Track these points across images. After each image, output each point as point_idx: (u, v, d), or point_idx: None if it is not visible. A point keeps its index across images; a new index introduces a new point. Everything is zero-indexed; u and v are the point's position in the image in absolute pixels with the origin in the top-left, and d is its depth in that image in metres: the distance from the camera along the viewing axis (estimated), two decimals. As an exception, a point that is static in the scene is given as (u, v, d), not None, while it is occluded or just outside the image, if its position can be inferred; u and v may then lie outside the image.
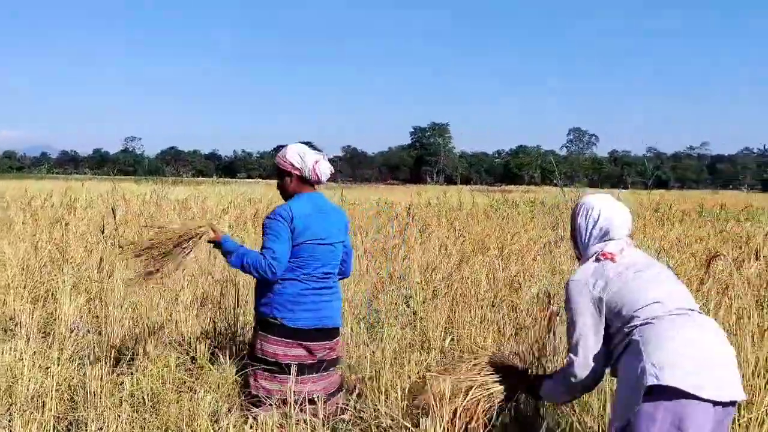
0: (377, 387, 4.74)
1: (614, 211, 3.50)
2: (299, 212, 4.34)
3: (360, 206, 16.78)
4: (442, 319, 6.29)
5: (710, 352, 2.93)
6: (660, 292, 3.14)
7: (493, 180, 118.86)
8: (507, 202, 20.16)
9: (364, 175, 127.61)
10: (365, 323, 6.42)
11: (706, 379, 2.83)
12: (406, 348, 5.72)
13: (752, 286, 6.28)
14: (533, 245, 9.06)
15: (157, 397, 4.38)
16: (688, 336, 2.96)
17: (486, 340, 5.87)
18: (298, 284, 4.36)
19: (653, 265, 3.36)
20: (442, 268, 7.51)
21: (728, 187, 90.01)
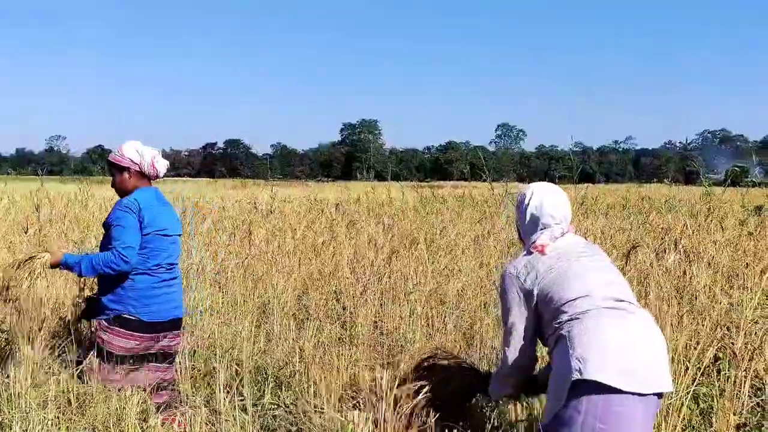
0: (306, 381, 4.76)
1: (544, 199, 3.48)
2: (145, 203, 4.42)
3: (290, 203, 16.72)
4: (371, 314, 6.34)
5: (635, 345, 2.98)
6: (588, 284, 3.17)
7: (423, 176, 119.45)
8: (436, 198, 20.30)
9: (294, 172, 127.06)
10: (295, 319, 6.44)
11: (629, 372, 2.90)
12: (334, 342, 5.75)
13: (671, 276, 6.47)
14: (461, 239, 9.16)
15: (84, 398, 4.31)
16: (613, 330, 3.01)
17: (415, 333, 5.94)
18: (149, 278, 4.44)
19: (587, 254, 3.35)
20: (371, 262, 7.55)
21: (652, 180, 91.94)
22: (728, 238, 8.33)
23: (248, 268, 7.62)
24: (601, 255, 3.44)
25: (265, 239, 9.27)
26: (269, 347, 5.78)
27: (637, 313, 3.14)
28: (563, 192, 3.56)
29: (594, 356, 2.95)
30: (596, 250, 3.47)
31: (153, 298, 4.45)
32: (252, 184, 46.00)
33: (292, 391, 4.88)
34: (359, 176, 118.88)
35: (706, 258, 7.25)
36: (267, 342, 5.92)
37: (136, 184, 4.53)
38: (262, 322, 6.40)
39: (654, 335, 3.08)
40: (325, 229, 10.23)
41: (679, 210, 12.59)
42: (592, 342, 2.99)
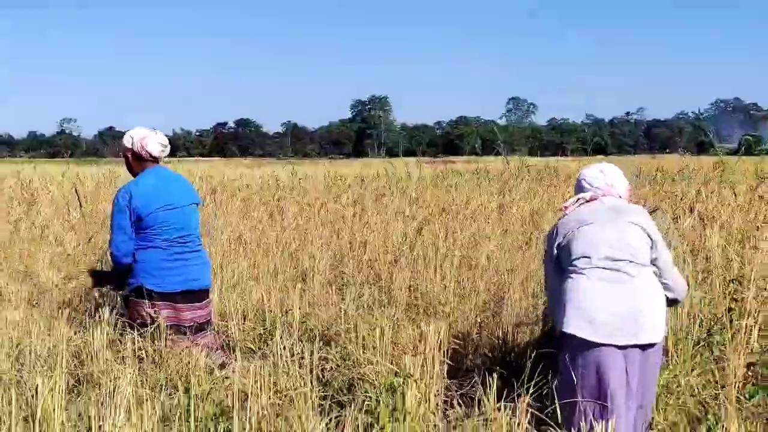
0: (355, 337, 5.19)
1: (588, 169, 3.98)
2: (138, 189, 4.82)
3: (309, 180, 17.10)
4: (407, 278, 6.77)
5: (611, 301, 3.52)
6: (591, 246, 3.65)
7: (435, 151, 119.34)
8: (452, 172, 20.67)
9: (305, 150, 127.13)
10: (334, 285, 6.88)
11: (601, 325, 3.46)
12: (375, 305, 6.19)
13: (686, 238, 6.88)
14: (483, 210, 9.58)
15: (156, 353, 4.76)
16: (593, 288, 3.57)
17: (447, 295, 6.37)
18: (160, 251, 4.86)
19: (604, 218, 3.72)
20: (404, 232, 7.98)
21: (665, 151, 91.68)
22: (740, 203, 8.72)
23: (284, 241, 8.05)
24: (619, 219, 3.72)
25: (297, 213, 9.70)
26: (313, 311, 6.21)
27: (632, 272, 3.60)
28: (611, 166, 4.01)
29: (570, 311, 3.56)
30: (622, 212, 3.77)
31: (165, 270, 4.86)
32: (265, 162, 46.32)
33: (340, 348, 5.30)
34: (371, 153, 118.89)
35: (720, 221, 7.65)
36: (309, 307, 6.35)
37: (138, 167, 4.96)
38: (303, 289, 6.81)
39: (638, 293, 3.57)
40: (354, 202, 10.65)
41: (693, 179, 12.94)
42: (577, 299, 3.58)
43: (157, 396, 3.97)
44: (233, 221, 8.87)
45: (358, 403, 3.89)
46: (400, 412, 3.80)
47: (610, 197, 3.84)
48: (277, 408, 4.05)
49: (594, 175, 3.91)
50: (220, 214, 9.34)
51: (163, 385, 4.28)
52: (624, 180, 3.97)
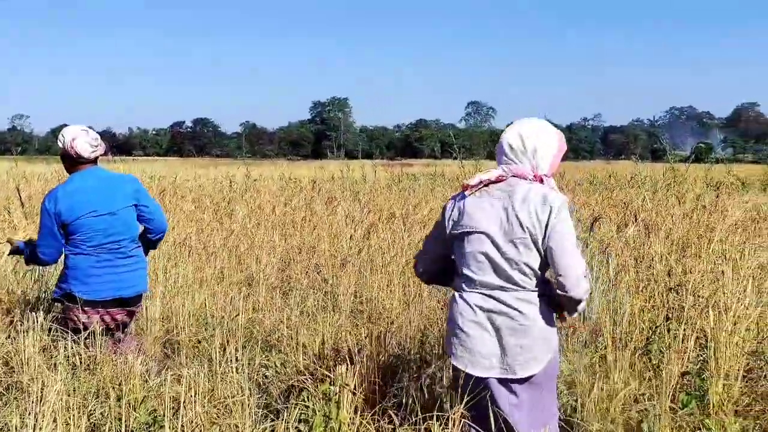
0: (296, 344, 5.15)
1: (507, 131, 3.25)
2: (64, 195, 4.67)
3: (265, 182, 17.02)
4: (351, 284, 6.75)
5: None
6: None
7: (393, 154, 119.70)
8: (408, 176, 20.73)
9: (264, 150, 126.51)
10: (279, 291, 6.84)
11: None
12: (318, 310, 6.16)
13: (630, 246, 6.96)
14: (435, 215, 9.58)
15: (90, 359, 4.67)
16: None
17: (393, 301, 6.36)
18: (88, 258, 4.72)
19: (479, 229, 3.10)
20: (351, 236, 7.96)
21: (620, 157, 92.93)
22: (685, 211, 8.85)
23: (231, 244, 7.98)
24: (490, 235, 3.09)
25: (246, 216, 9.63)
26: (257, 317, 6.16)
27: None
28: (534, 124, 3.25)
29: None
30: (495, 222, 3.09)
31: (93, 277, 4.71)
32: (222, 163, 46.09)
33: (282, 354, 5.27)
34: (330, 155, 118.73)
35: (664, 230, 7.76)
36: (254, 311, 6.30)
37: (71, 167, 4.78)
38: (248, 293, 6.76)
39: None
40: (304, 205, 10.61)
41: (642, 186, 13.12)
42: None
43: (87, 404, 3.89)
44: (181, 223, 8.76)
45: (295, 413, 3.84)
46: (335, 421, 3.76)
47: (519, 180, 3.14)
48: (212, 416, 3.99)
49: (508, 140, 3.21)
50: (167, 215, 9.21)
51: (95, 393, 4.20)
52: (551, 143, 3.24)
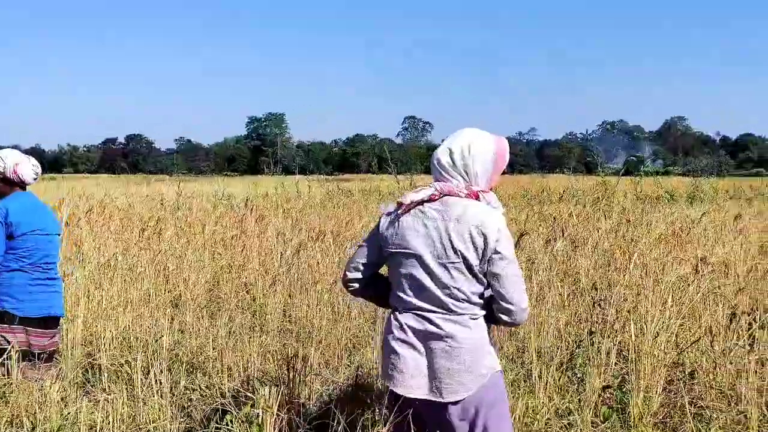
0: (220, 366, 5.09)
1: (440, 146, 3.09)
2: (15, 208, 4.70)
3: (197, 199, 16.84)
4: (280, 303, 6.70)
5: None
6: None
7: (331, 169, 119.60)
8: (343, 192, 20.73)
9: (200, 167, 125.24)
10: (207, 311, 6.75)
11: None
12: (246, 331, 6.09)
13: (557, 261, 7.05)
14: (366, 230, 9.59)
15: (5, 386, 4.54)
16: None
17: (321, 320, 6.32)
18: (26, 275, 4.75)
19: (411, 251, 2.98)
20: (280, 255, 7.91)
21: (555, 171, 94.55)
22: (611, 225, 9.02)
23: (159, 264, 7.85)
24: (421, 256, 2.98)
25: (174, 235, 9.50)
26: (183, 338, 6.07)
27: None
28: (463, 135, 3.06)
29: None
30: (427, 242, 2.97)
31: (26, 294, 4.73)
32: (155, 180, 45.49)
33: (207, 376, 5.20)
34: (266, 170, 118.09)
35: (591, 244, 7.89)
36: (180, 333, 6.21)
37: (4, 190, 4.78)
38: (175, 314, 6.66)
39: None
40: (235, 224, 10.51)
41: (570, 201, 13.33)
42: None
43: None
44: (106, 243, 8.59)
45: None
46: (257, 444, 3.71)
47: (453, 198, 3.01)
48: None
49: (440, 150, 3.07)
50: (92, 236, 9.04)
51: (9, 422, 4.08)
52: (486, 154, 3.04)
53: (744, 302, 6.06)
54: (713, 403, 4.58)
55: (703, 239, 9.03)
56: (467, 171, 3.00)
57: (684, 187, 25.53)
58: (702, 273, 6.60)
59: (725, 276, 7.12)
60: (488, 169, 3.04)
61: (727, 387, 4.72)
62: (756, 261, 7.86)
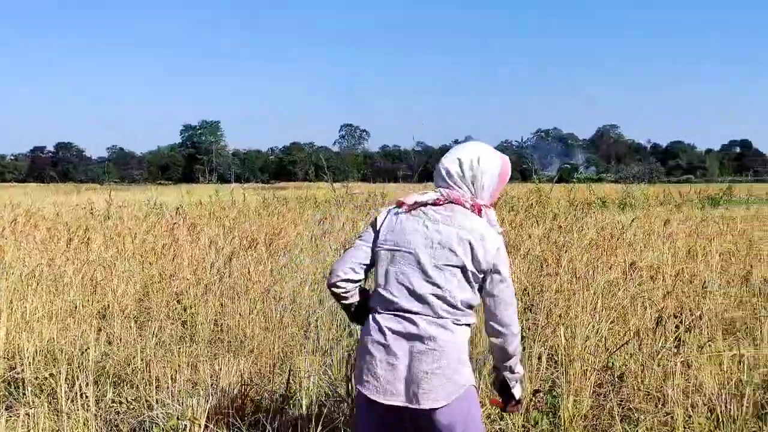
0: (149, 377, 4.98)
1: (447, 156, 3.15)
2: None
3: (128, 208, 16.53)
4: (211, 312, 6.60)
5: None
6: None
7: (267, 177, 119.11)
8: (278, 199, 20.60)
9: (133, 175, 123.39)
10: (136, 321, 6.62)
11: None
12: (176, 341, 5.98)
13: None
14: (300, 240, 9.51)
15: None
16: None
17: (254, 329, 6.24)
18: None
19: (407, 249, 2.97)
20: (212, 264, 7.80)
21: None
22: (544, 231, 9.12)
23: (87, 274, 7.67)
24: (421, 253, 2.96)
25: (103, 244, 9.30)
26: (111, 350, 5.93)
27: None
28: (472, 148, 3.12)
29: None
30: (426, 244, 2.97)
31: None
32: (86, 189, 44.65)
33: (135, 389, 5.09)
34: (201, 179, 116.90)
35: (523, 250, 7.96)
36: (108, 345, 6.07)
37: None
38: (103, 326, 6.51)
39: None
40: (166, 232, 10.34)
41: (504, 207, 13.47)
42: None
43: None
44: (31, 254, 8.37)
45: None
46: (185, 457, 3.63)
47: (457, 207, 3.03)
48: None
49: (447, 165, 3.11)
50: (17, 245, 8.79)
51: None
52: (493, 171, 3.09)
53: (671, 306, 6.16)
54: (641, 405, 4.65)
55: (632, 244, 9.20)
56: (474, 183, 3.03)
57: (616, 193, 26.06)
58: (631, 277, 6.71)
59: (653, 280, 7.25)
60: (493, 184, 3.07)
61: (655, 389, 4.79)
62: (683, 265, 8.03)
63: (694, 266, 8.12)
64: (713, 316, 6.30)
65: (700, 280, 7.28)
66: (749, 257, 8.66)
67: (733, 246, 9.41)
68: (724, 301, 6.81)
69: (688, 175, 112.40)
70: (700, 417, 4.33)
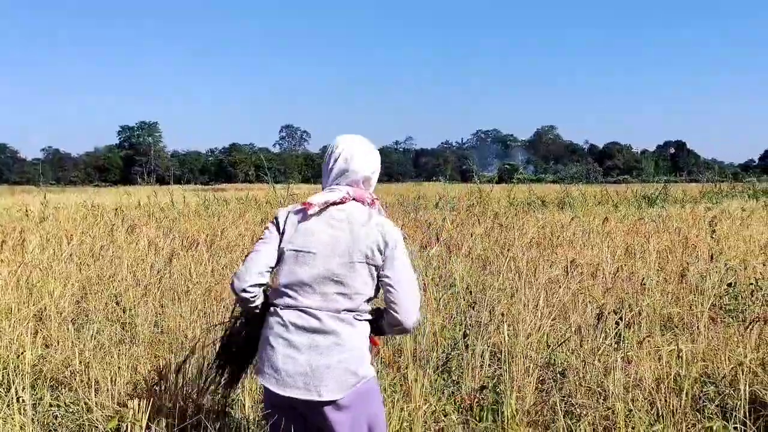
0: (88, 380, 4.88)
1: (344, 153, 3.13)
2: None
3: (65, 209, 16.21)
4: (151, 314, 6.49)
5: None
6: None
7: (207, 179, 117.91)
8: (218, 201, 20.40)
9: (69, 177, 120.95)
10: (73, 324, 6.47)
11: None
12: (115, 343, 5.87)
13: (432, 266, 7.11)
14: (242, 239, 9.44)
15: None
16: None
17: (195, 330, 6.15)
18: None
19: (311, 250, 2.99)
20: (151, 265, 7.68)
21: (431, 179, 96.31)
22: (485, 229, 9.19)
23: (21, 276, 7.48)
24: (329, 253, 2.99)
25: (39, 246, 9.08)
26: (48, 353, 5.79)
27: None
28: (363, 144, 3.17)
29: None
30: (332, 244, 3.00)
31: None
32: (20, 190, 43.66)
33: (73, 392, 4.97)
34: (140, 181, 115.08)
35: (465, 248, 8.00)
36: (45, 348, 5.93)
37: None
38: (39, 328, 6.36)
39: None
40: (104, 234, 10.15)
41: (445, 207, 13.53)
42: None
43: None
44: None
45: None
46: (126, 460, 3.56)
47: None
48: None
49: (342, 162, 3.12)
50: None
51: None
52: (378, 164, 3.22)
53: (611, 302, 6.26)
54: (583, 401, 4.70)
55: (572, 242, 9.32)
56: (368, 178, 3.13)
57: (555, 193, 26.40)
58: (571, 275, 6.80)
59: (593, 277, 7.35)
60: (377, 176, 3.19)
61: (596, 384, 4.85)
62: (622, 262, 8.16)
63: (632, 264, 8.26)
64: (651, 312, 6.42)
65: (638, 277, 7.41)
66: (685, 255, 8.84)
67: (670, 244, 9.60)
68: (661, 298, 6.94)
69: (625, 175, 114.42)
70: (641, 411, 4.40)
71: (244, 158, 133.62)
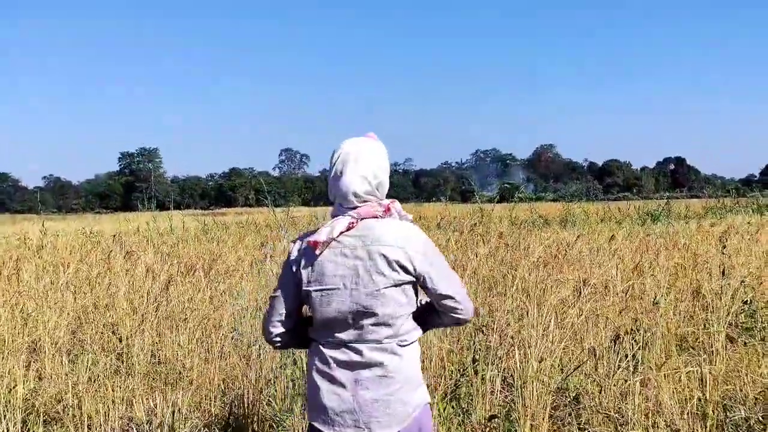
0: (80, 415, 4.67)
1: (346, 173, 2.81)
2: None
3: (63, 237, 16.04)
4: (148, 343, 6.29)
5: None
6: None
7: (207, 203, 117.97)
8: (218, 225, 20.26)
9: (71, 205, 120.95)
10: (68, 355, 6.27)
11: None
12: (111, 375, 5.67)
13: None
14: (241, 264, 9.24)
15: None
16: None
17: (193, 360, 5.95)
18: None
19: (335, 286, 2.76)
20: (148, 292, 7.47)
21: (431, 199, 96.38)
22: (489, 250, 8.98)
23: (16, 306, 7.28)
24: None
25: (34, 275, 8.89)
26: (40, 386, 5.59)
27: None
28: (363, 151, 2.85)
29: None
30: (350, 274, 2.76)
31: None
32: (22, 219, 43.63)
33: (65, 429, 4.76)
34: (141, 207, 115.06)
35: (470, 269, 7.79)
36: (38, 380, 5.73)
37: None
38: (33, 360, 6.16)
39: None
40: (101, 261, 9.95)
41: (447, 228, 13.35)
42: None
43: None
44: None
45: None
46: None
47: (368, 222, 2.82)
48: None
49: (352, 179, 2.82)
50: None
51: None
52: (386, 162, 2.89)
53: (626, 323, 6.05)
54: (600, 428, 4.48)
55: (580, 261, 9.11)
56: (379, 188, 2.83)
57: (557, 211, 26.23)
58: (582, 295, 6.58)
59: (604, 297, 7.13)
60: (388, 173, 2.88)
61: (613, 410, 4.63)
62: (632, 281, 7.94)
63: (642, 282, 8.05)
64: (666, 331, 6.20)
65: (650, 296, 7.19)
66: (696, 271, 8.63)
67: (680, 260, 9.39)
68: (674, 317, 6.72)
69: (625, 192, 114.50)
70: (662, 438, 4.19)
71: (244, 182, 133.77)
